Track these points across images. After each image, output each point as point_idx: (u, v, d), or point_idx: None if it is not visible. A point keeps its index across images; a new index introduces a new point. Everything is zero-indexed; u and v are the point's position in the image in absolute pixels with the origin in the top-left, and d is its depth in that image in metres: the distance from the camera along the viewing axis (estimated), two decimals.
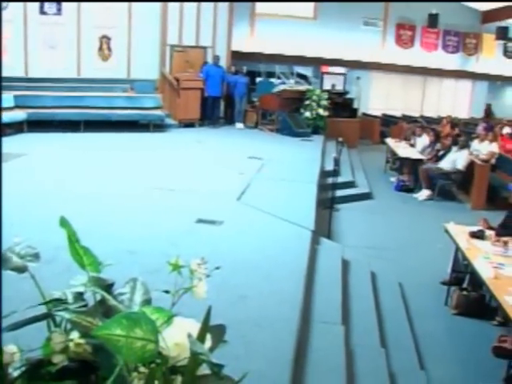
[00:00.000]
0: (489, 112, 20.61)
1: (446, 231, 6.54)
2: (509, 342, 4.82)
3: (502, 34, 23.08)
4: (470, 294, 5.99)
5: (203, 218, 6.51)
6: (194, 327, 1.46)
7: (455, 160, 11.26)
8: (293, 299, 4.51)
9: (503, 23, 22.84)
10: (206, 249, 5.16)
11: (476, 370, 4.95)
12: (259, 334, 3.89)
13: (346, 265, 6.39)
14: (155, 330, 1.35)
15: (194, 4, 16.18)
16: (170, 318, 1.43)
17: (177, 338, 1.41)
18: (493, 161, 11.85)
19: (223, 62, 16.36)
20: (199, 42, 16.61)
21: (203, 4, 16.30)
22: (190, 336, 1.38)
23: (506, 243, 6.01)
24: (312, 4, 21.39)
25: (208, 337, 1.48)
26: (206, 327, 1.45)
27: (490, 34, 23.56)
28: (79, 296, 1.60)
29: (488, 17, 23.40)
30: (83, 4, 15.04)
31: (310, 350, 4.11)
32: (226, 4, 16.66)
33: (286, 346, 3.79)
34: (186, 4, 16.07)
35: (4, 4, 13.70)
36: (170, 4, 15.88)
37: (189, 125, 15.07)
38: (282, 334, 3.93)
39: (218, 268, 1.67)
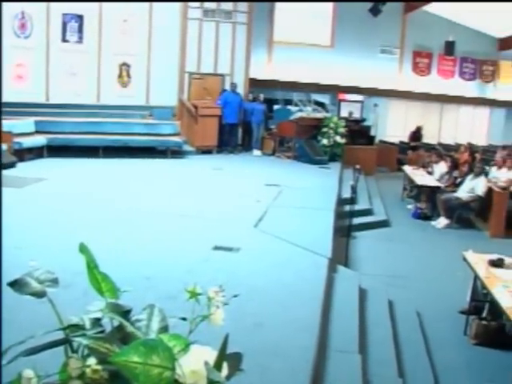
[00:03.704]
0: (418, 134, 20.22)
1: (465, 259, 6.48)
2: None
3: None
4: (489, 324, 5.90)
5: (220, 245, 6.50)
6: (211, 355, 1.46)
7: (473, 188, 11.18)
8: (309, 327, 4.48)
9: None
10: (222, 276, 5.15)
11: None
12: (275, 363, 3.85)
13: (363, 293, 6.34)
14: (172, 357, 1.35)
15: (213, 31, 16.39)
16: (187, 346, 1.43)
17: (194, 365, 1.40)
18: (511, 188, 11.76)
19: (241, 90, 16.50)
20: (217, 70, 16.77)
21: (221, 32, 16.50)
22: (206, 364, 1.38)
23: None
24: (329, 32, 21.53)
25: (224, 365, 1.47)
26: (223, 355, 1.45)
27: (507, 60, 23.56)
28: (97, 322, 1.61)
29: (505, 44, 23.41)
30: (104, 32, 15.32)
31: (327, 379, 4.06)
32: (244, 32, 16.83)
33: (302, 375, 3.74)
34: (204, 31, 16.29)
35: None
36: (189, 32, 16.10)
37: (206, 151, 15.16)
38: (298, 363, 3.89)
39: (235, 296, 1.67)
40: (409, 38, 22.66)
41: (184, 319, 1.63)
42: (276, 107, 18.79)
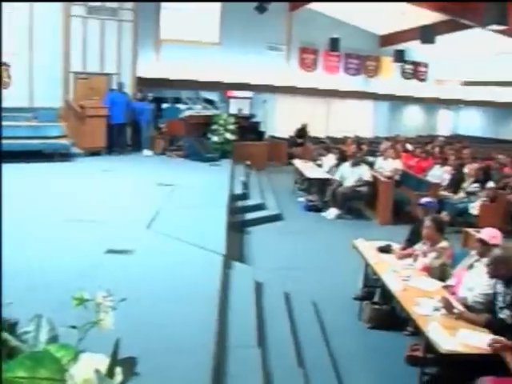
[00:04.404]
0: (302, 132, 21.07)
1: (355, 247, 6.70)
2: (420, 350, 4.97)
3: (398, 56, 24.28)
4: (381, 308, 6.14)
5: (113, 248, 6.36)
6: (103, 362, 1.42)
7: (360, 178, 11.61)
8: (207, 325, 4.47)
9: (399, 46, 23.98)
10: (116, 279, 5.05)
11: (393, 380, 5.08)
12: (175, 362, 3.83)
13: (259, 287, 6.41)
14: (61, 368, 1.30)
15: (98, 29, 15.98)
16: (76, 355, 1.38)
17: (85, 374, 1.36)
18: (397, 177, 12.32)
19: (128, 89, 16.22)
20: (103, 69, 16.38)
21: (107, 30, 16.12)
22: (97, 371, 1.34)
23: (411, 255, 6.25)
24: (216, 29, 21.56)
25: (118, 371, 1.44)
26: (114, 361, 1.41)
27: (388, 56, 24.64)
28: None
29: (386, 40, 24.52)
30: None
31: (228, 374, 4.08)
32: (131, 30, 16.51)
33: (203, 373, 3.74)
34: (89, 29, 15.85)
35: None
36: (73, 29, 15.60)
37: (95, 153, 14.75)
38: (197, 361, 3.88)
39: (123, 300, 1.63)
40: (295, 34, 23.15)
41: (74, 327, 1.57)
42: (165, 106, 18.65)
